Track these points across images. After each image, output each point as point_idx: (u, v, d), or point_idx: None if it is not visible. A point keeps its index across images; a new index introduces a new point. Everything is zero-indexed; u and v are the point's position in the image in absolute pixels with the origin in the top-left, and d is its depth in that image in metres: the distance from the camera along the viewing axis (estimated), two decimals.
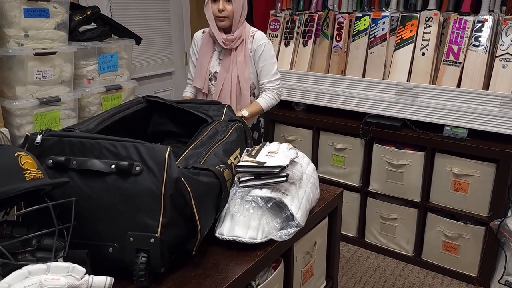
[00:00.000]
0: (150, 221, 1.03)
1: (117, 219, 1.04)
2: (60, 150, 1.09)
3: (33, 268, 0.87)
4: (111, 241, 1.05)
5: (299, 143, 2.92)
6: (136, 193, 1.03)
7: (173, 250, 1.10)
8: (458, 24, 2.37)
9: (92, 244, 1.06)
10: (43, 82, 2.19)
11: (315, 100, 2.85)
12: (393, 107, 2.55)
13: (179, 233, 1.09)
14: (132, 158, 1.05)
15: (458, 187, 2.39)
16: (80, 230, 1.05)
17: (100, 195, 1.05)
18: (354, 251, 2.84)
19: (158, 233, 1.02)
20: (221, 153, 1.27)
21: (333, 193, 1.60)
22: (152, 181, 1.03)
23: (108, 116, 1.38)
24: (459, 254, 2.48)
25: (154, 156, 1.04)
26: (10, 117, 2.12)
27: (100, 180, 1.05)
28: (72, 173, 1.07)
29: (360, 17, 2.67)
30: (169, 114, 1.62)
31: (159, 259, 1.03)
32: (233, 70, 2.09)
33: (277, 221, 1.26)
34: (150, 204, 1.03)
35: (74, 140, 1.09)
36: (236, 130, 1.42)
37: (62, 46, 2.24)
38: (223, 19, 2.03)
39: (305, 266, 1.49)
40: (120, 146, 1.07)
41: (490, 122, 2.26)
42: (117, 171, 1.04)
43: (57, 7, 2.20)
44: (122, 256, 1.05)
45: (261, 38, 2.14)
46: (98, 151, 1.07)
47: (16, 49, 2.07)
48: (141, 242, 1.03)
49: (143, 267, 1.02)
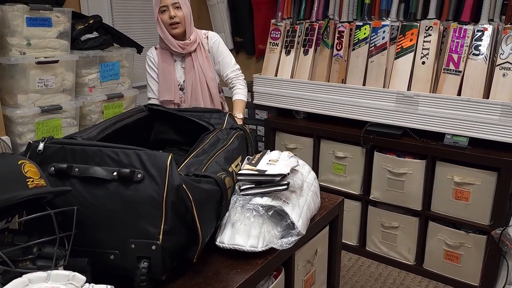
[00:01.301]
0: (151, 228, 1.03)
1: (119, 226, 1.05)
2: (62, 157, 1.10)
3: (33, 276, 0.87)
4: (113, 248, 1.05)
5: (300, 151, 2.92)
6: (137, 200, 1.04)
7: (174, 258, 1.10)
8: (458, 33, 2.39)
9: (93, 251, 1.06)
10: (45, 90, 2.20)
11: (315, 108, 2.85)
12: (393, 116, 2.56)
13: (180, 240, 1.09)
14: (133, 165, 1.05)
15: (459, 196, 2.39)
16: (82, 237, 1.05)
17: (102, 202, 1.05)
18: (355, 259, 2.82)
19: (159, 240, 1.02)
20: (222, 160, 1.28)
21: (334, 201, 1.60)
22: (154, 188, 1.03)
23: (110, 124, 1.40)
24: (460, 263, 2.46)
25: (155, 164, 1.05)
26: (12, 125, 2.13)
27: (102, 187, 1.05)
28: (74, 180, 1.07)
29: (360, 26, 2.68)
30: (171, 123, 1.63)
31: (161, 266, 1.03)
32: (199, 74, 2.17)
33: (278, 230, 1.26)
34: (151, 211, 1.03)
35: (76, 148, 1.10)
36: (238, 138, 1.42)
37: (64, 54, 2.25)
38: (176, 25, 2.07)
39: (306, 274, 1.48)
40: (122, 153, 1.07)
41: (491, 130, 2.26)
42: (119, 178, 1.04)
43: (60, 16, 2.22)
44: (123, 263, 1.05)
45: (214, 35, 2.24)
46: (100, 158, 1.08)
47: (18, 58, 2.08)
48: (142, 249, 1.03)
49: (144, 274, 1.02)
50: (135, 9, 3.17)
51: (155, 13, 2.08)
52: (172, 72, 2.17)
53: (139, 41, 2.75)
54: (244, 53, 3.64)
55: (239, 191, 1.29)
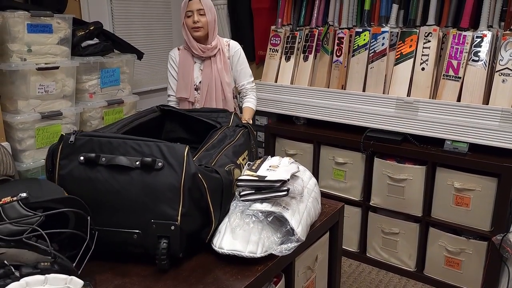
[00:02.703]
0: (170, 210, 1.15)
1: (141, 209, 1.17)
2: (91, 148, 1.21)
3: (31, 279, 0.87)
4: (136, 228, 1.17)
5: (300, 157, 2.92)
6: (158, 186, 1.16)
7: (190, 238, 1.22)
8: (457, 39, 2.39)
9: (118, 231, 1.19)
10: (45, 96, 2.21)
11: (315, 114, 2.86)
12: (393, 122, 2.56)
13: (196, 222, 1.22)
14: (154, 155, 1.18)
15: (459, 202, 2.38)
16: (108, 219, 1.18)
17: (126, 187, 1.17)
18: (356, 266, 2.81)
19: (178, 221, 1.15)
20: (230, 154, 1.41)
21: (334, 207, 1.60)
22: (173, 175, 1.16)
23: (127, 122, 1.54)
24: (461, 270, 2.45)
25: (174, 154, 1.18)
26: (12, 131, 2.13)
27: (126, 175, 1.17)
28: (101, 168, 1.19)
29: (360, 32, 2.69)
30: (181, 122, 1.78)
31: (179, 245, 1.16)
32: (215, 77, 2.27)
33: (278, 236, 1.25)
34: (170, 196, 1.16)
35: (103, 140, 1.22)
36: (243, 135, 1.57)
37: (65, 61, 2.26)
38: (198, 29, 2.20)
39: (307, 281, 1.48)
40: (144, 145, 1.20)
41: (491, 136, 2.26)
42: (142, 166, 1.17)
43: (60, 23, 2.23)
44: (145, 242, 1.17)
45: (235, 45, 2.36)
46: (124, 149, 1.20)
47: (19, 64, 2.09)
48: (162, 229, 1.15)
49: (164, 251, 1.15)
50: (136, 16, 3.18)
51: (181, 18, 2.24)
52: (190, 72, 2.30)
53: (139, 47, 2.76)
54: None
55: (239, 197, 1.28)
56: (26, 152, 2.17)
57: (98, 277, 1.15)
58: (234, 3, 3.49)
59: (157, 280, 1.15)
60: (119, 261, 1.23)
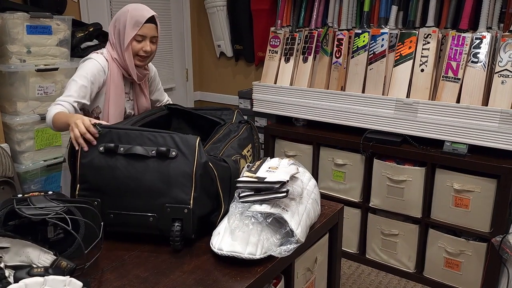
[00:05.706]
0: (183, 195, 1.27)
1: (156, 194, 1.28)
2: (110, 139, 1.33)
3: (30, 281, 0.87)
4: (151, 211, 1.29)
5: (299, 158, 2.91)
6: (172, 173, 1.28)
7: (201, 221, 1.32)
8: (456, 40, 2.40)
9: (135, 214, 1.30)
10: (45, 97, 2.21)
11: (315, 115, 2.86)
12: (393, 123, 2.56)
13: (206, 206, 1.34)
14: (168, 145, 1.30)
15: (459, 203, 2.38)
16: (127, 203, 1.30)
17: (143, 174, 1.29)
18: (355, 267, 2.81)
19: (190, 205, 1.27)
20: (236, 146, 1.54)
21: (333, 208, 1.60)
22: (185, 163, 1.28)
23: (139, 119, 1.67)
24: (461, 271, 2.45)
25: (186, 144, 1.30)
26: (11, 133, 2.13)
27: (142, 163, 1.29)
28: (119, 157, 1.30)
29: (359, 33, 2.70)
30: (187, 120, 1.91)
31: (191, 226, 1.27)
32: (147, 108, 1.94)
33: (277, 237, 1.25)
34: (183, 182, 1.28)
35: (121, 131, 1.34)
36: (247, 130, 1.68)
37: (64, 62, 2.26)
38: (145, 59, 1.80)
39: (306, 283, 1.48)
40: (158, 136, 1.32)
41: (490, 137, 2.26)
42: (157, 155, 1.29)
43: (60, 24, 2.23)
44: (160, 224, 1.29)
45: (151, 65, 1.98)
46: (140, 139, 1.31)
47: (18, 65, 2.09)
48: (176, 212, 1.27)
49: (178, 233, 1.26)
50: None
51: (126, 37, 1.71)
52: (123, 101, 1.84)
53: None
54: (244, 61, 3.66)
55: (238, 198, 1.28)
56: (25, 153, 2.17)
57: (98, 278, 1.15)
58: (233, 4, 3.49)
59: (156, 281, 1.14)
60: (119, 262, 1.23)
